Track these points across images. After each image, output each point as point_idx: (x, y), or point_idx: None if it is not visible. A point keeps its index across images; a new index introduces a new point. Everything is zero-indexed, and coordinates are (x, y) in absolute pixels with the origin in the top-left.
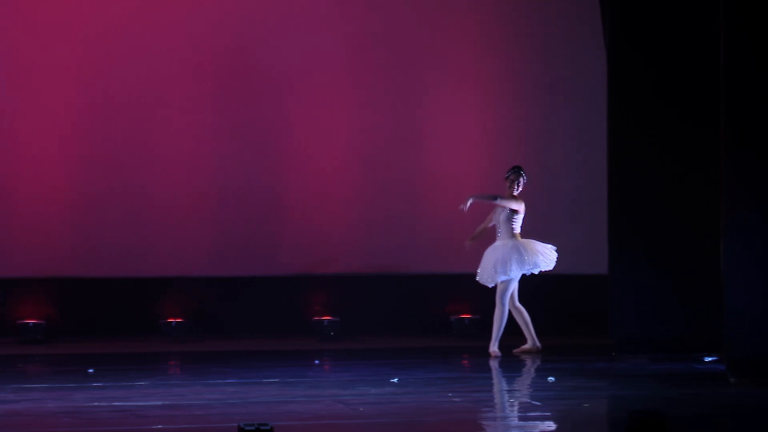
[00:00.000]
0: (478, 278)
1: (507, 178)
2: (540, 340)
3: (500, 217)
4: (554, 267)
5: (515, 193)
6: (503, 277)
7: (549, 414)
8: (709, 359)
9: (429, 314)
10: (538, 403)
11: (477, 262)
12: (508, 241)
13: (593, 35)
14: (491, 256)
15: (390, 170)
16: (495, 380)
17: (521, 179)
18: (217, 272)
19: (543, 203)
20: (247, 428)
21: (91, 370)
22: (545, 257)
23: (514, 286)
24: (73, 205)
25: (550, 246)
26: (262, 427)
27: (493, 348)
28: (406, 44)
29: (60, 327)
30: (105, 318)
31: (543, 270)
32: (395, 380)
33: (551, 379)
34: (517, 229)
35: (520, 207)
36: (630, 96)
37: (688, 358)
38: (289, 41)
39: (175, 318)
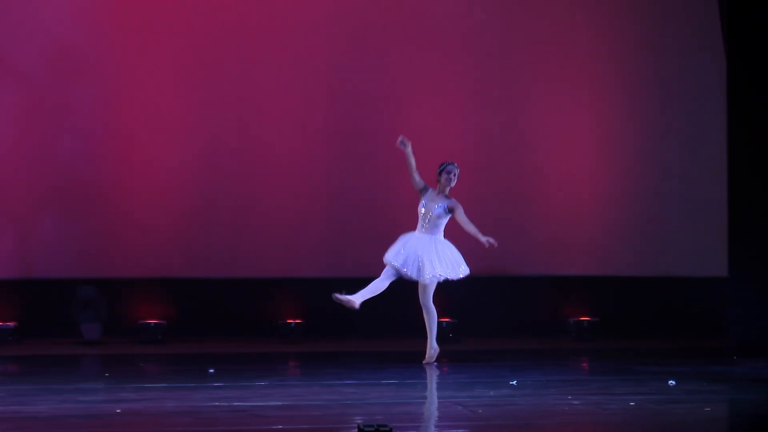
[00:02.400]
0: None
1: (451, 173)
2: (657, 343)
3: (434, 211)
4: (670, 269)
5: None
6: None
7: (669, 418)
8: None
9: (546, 316)
10: (658, 407)
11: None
12: (437, 237)
13: (709, 34)
14: (421, 250)
15: (501, 172)
16: (613, 383)
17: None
18: (333, 273)
19: (656, 204)
20: (366, 429)
21: (211, 370)
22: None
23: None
24: (190, 206)
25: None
26: (381, 428)
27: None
28: (516, 45)
29: (179, 327)
30: (223, 318)
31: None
32: (513, 382)
33: (672, 382)
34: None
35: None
36: (751, 98)
37: None
38: (399, 43)
39: (293, 319)
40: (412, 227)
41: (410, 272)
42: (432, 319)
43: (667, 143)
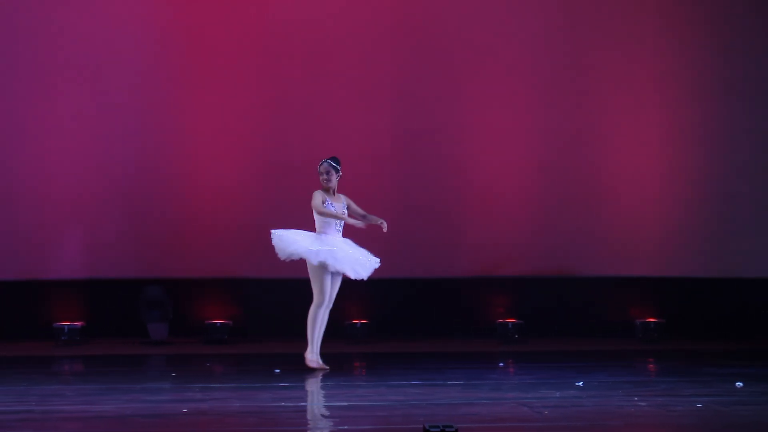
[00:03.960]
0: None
1: (337, 171)
2: (724, 345)
3: (346, 211)
4: (738, 270)
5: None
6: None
7: (735, 420)
8: None
9: (612, 317)
10: (725, 409)
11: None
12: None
13: None
14: (352, 250)
15: (569, 172)
16: (679, 385)
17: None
18: (399, 274)
19: (726, 205)
20: (432, 429)
21: (277, 371)
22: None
23: None
24: (256, 206)
25: None
26: (447, 429)
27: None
28: (584, 44)
29: (245, 327)
30: (289, 318)
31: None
32: (580, 383)
33: (739, 384)
34: None
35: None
36: None
37: None
38: (463, 40)
39: (358, 320)
40: (482, 226)
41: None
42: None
43: (738, 143)
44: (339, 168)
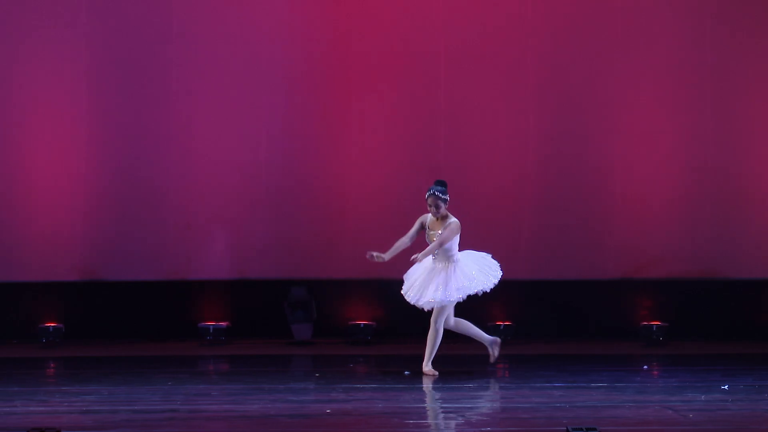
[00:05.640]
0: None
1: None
2: None
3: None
4: None
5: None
6: (444, 301)
7: None
8: None
9: (758, 320)
10: None
11: None
12: (447, 263)
13: None
14: (429, 276)
15: (715, 173)
16: None
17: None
18: (543, 276)
19: None
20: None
21: (407, 372)
22: (479, 280)
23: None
24: (401, 206)
25: (491, 260)
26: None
27: (427, 367)
28: (731, 43)
29: (389, 328)
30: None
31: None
32: (725, 387)
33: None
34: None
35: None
36: None
37: None
38: (610, 42)
39: (503, 321)
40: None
41: (410, 299)
42: (433, 338)
43: None
44: (446, 195)
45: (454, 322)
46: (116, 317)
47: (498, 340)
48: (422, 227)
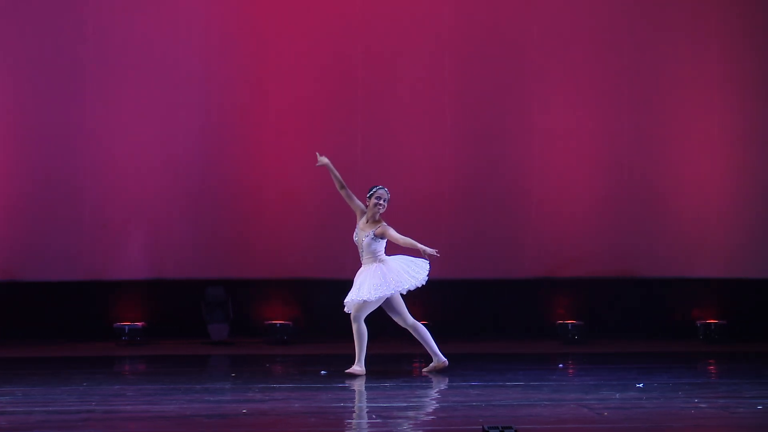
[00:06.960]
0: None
1: (381, 199)
2: None
3: (365, 242)
4: None
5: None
6: (355, 300)
7: None
8: None
9: (673, 318)
10: None
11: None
12: (378, 264)
13: None
14: (357, 278)
15: (632, 173)
16: (742, 387)
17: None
18: (458, 275)
19: None
20: (491, 430)
21: (323, 372)
22: (411, 275)
23: (374, 308)
24: (314, 207)
25: (419, 261)
26: (506, 430)
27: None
28: (647, 46)
29: (305, 328)
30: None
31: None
32: (640, 385)
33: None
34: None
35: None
36: None
37: None
38: (528, 44)
39: (419, 320)
40: (544, 227)
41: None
42: (357, 336)
43: None
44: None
45: (412, 323)
46: (31, 318)
47: (446, 363)
48: (358, 212)
